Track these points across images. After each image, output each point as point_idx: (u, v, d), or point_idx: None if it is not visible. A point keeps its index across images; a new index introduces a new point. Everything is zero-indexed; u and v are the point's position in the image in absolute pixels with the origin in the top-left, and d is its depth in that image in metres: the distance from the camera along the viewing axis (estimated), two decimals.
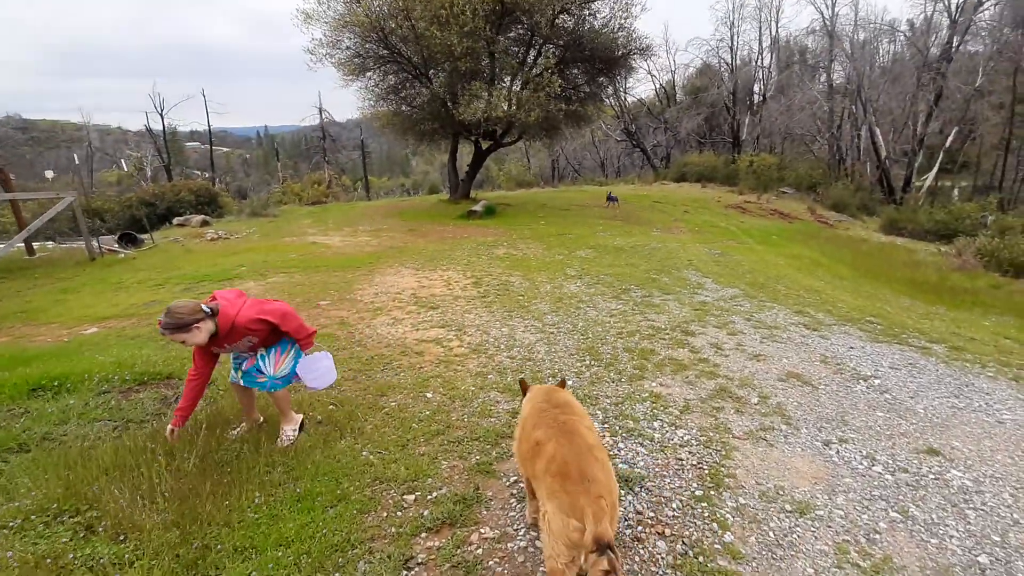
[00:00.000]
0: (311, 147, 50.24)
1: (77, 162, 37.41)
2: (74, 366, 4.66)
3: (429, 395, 4.09)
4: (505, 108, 13.51)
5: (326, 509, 2.77)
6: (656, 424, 3.60)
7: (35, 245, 11.23)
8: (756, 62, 35.37)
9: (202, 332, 2.91)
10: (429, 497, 2.86)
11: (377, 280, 8.08)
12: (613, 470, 2.00)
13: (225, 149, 76.94)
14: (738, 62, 34.54)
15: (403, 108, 16.12)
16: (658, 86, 38.48)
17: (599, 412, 3.80)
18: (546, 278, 8.08)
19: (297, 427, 3.52)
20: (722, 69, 35.04)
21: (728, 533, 2.55)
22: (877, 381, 4.33)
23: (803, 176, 28.52)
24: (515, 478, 3.01)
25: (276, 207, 22.60)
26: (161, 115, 37.28)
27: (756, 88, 35.84)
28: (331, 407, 3.89)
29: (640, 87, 72.37)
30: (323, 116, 41.87)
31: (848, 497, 2.81)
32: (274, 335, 3.30)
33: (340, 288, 7.61)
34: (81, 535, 2.56)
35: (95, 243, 10.64)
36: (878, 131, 28.16)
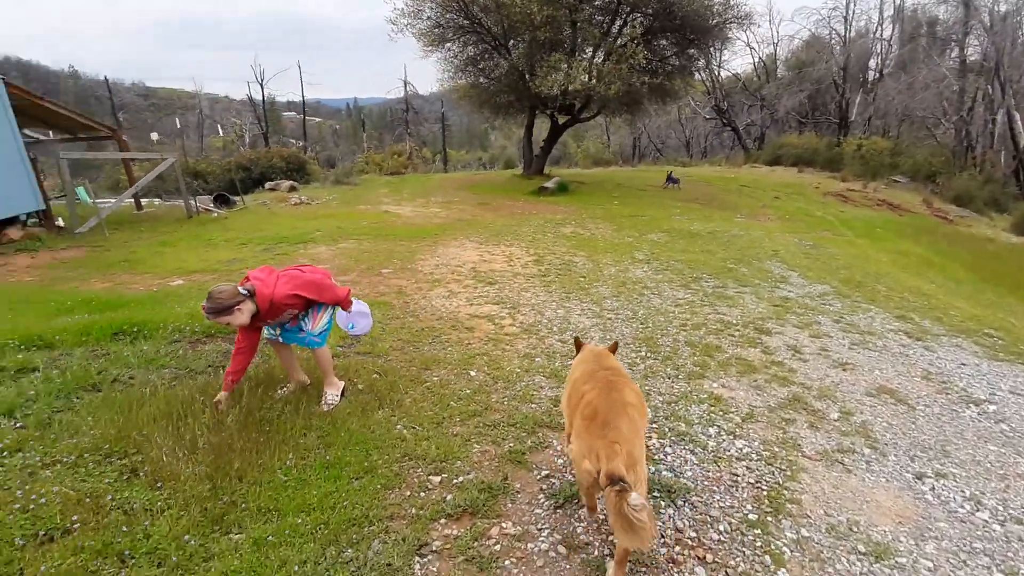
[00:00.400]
0: (395, 119, 51.66)
1: (179, 127, 40.76)
2: (155, 314, 4.98)
3: (473, 373, 3.96)
4: (584, 80, 12.92)
5: (352, 480, 2.71)
6: (712, 431, 3.24)
7: (143, 201, 12.30)
8: (874, 34, 31.67)
9: (244, 313, 2.98)
10: (455, 481, 2.72)
11: (440, 252, 8.06)
12: (643, 433, 2.16)
13: (318, 119, 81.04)
14: (852, 34, 31.11)
15: (481, 80, 15.92)
16: (757, 60, 35.62)
17: (647, 410, 3.49)
18: (611, 260, 7.68)
19: (339, 393, 3.52)
20: (833, 41, 31.75)
21: (782, 570, 2.20)
22: (992, 407, 3.66)
23: (921, 164, 25.43)
24: (547, 472, 2.80)
25: (358, 176, 23.44)
26: (261, 85, 39.62)
27: (872, 63, 32.16)
28: (375, 376, 3.86)
29: (736, 60, 67.45)
30: (407, 88, 42.76)
31: (940, 546, 2.35)
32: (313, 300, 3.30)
33: (403, 257, 7.66)
34: (125, 477, 2.67)
35: (193, 202, 11.47)
36: (1018, 116, 24.40)
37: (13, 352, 4.04)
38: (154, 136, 12.20)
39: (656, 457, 2.97)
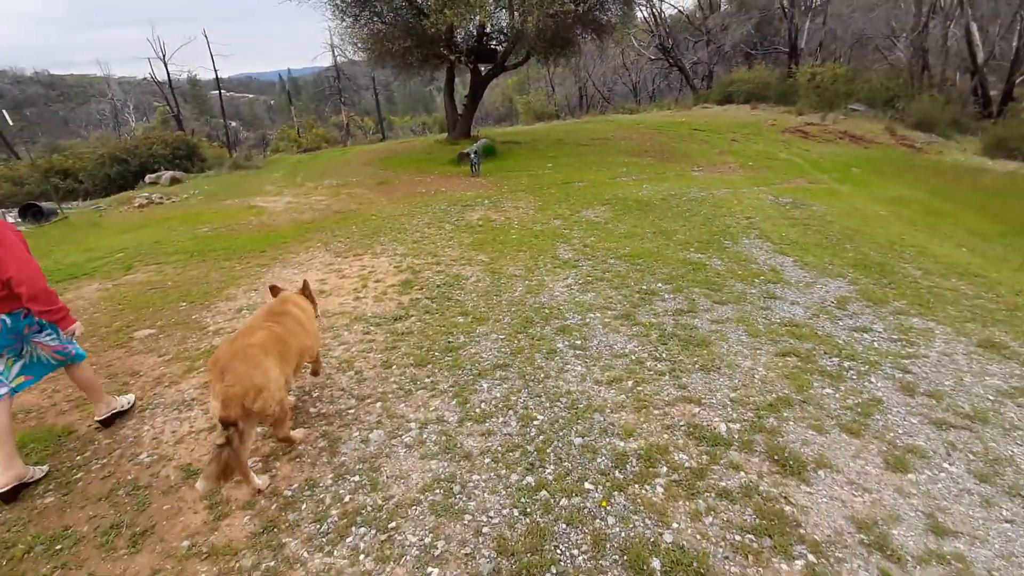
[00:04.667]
0: (328, 89, 46.53)
1: (97, 117, 35.25)
2: None
3: None
4: (489, 8, 9.75)
5: None
6: None
7: None
8: None
9: None
10: None
11: (270, 275, 5.18)
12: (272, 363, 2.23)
13: (250, 95, 73.96)
14: None
15: (377, 26, 12.48)
16: None
17: None
18: (521, 267, 4.95)
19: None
20: None
21: None
22: None
23: (878, 89, 23.10)
24: None
25: (263, 158, 19.78)
26: (164, 62, 34.23)
27: None
28: None
29: None
30: (335, 54, 37.87)
31: None
32: None
33: (203, 296, 4.77)
34: None
35: None
36: (975, 28, 22.15)
37: None
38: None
39: None
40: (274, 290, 2.90)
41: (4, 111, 17.68)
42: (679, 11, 33.60)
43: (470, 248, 5.68)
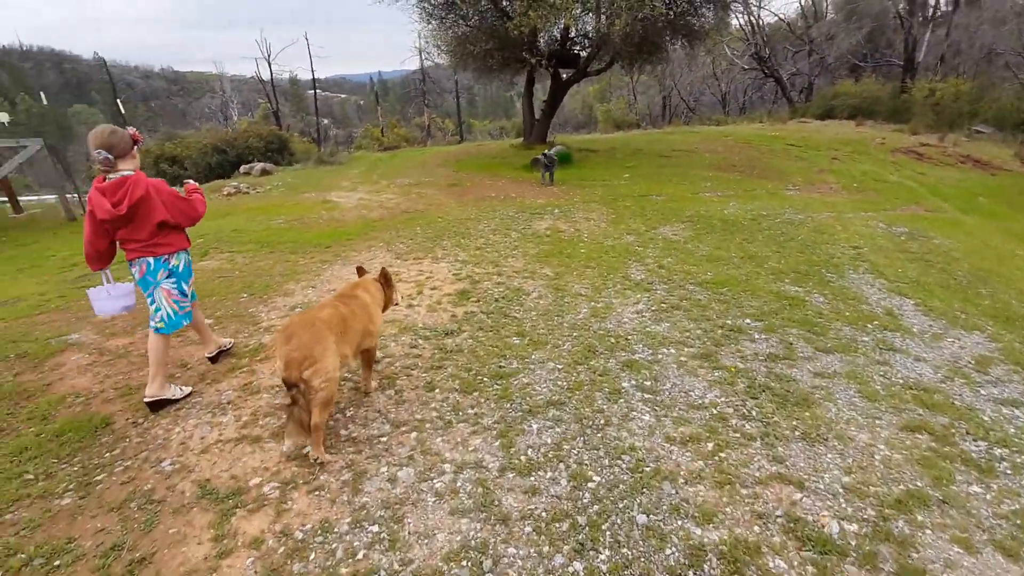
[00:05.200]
0: (414, 91, 48.09)
1: (208, 111, 38.55)
2: None
3: None
4: (576, 12, 9.32)
5: None
6: None
7: (23, 200, 9.73)
8: None
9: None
10: None
11: (327, 275, 5.09)
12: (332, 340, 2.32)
13: (342, 95, 78.20)
14: None
15: (461, 28, 12.46)
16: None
17: None
18: (588, 286, 4.51)
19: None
20: None
21: None
22: None
23: (1008, 110, 20.30)
24: None
25: (346, 154, 20.57)
26: (268, 62, 36.80)
27: None
28: None
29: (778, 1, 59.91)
30: (422, 57, 39.06)
31: None
32: None
33: (264, 289, 4.73)
34: None
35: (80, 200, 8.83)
36: None
37: None
38: (3, 116, 9.56)
39: None
40: (360, 271, 3.07)
41: (119, 100, 19.65)
42: (780, 19, 31.50)
43: (535, 260, 5.30)
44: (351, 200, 9.28)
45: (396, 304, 3.10)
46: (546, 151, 9.98)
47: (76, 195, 9.50)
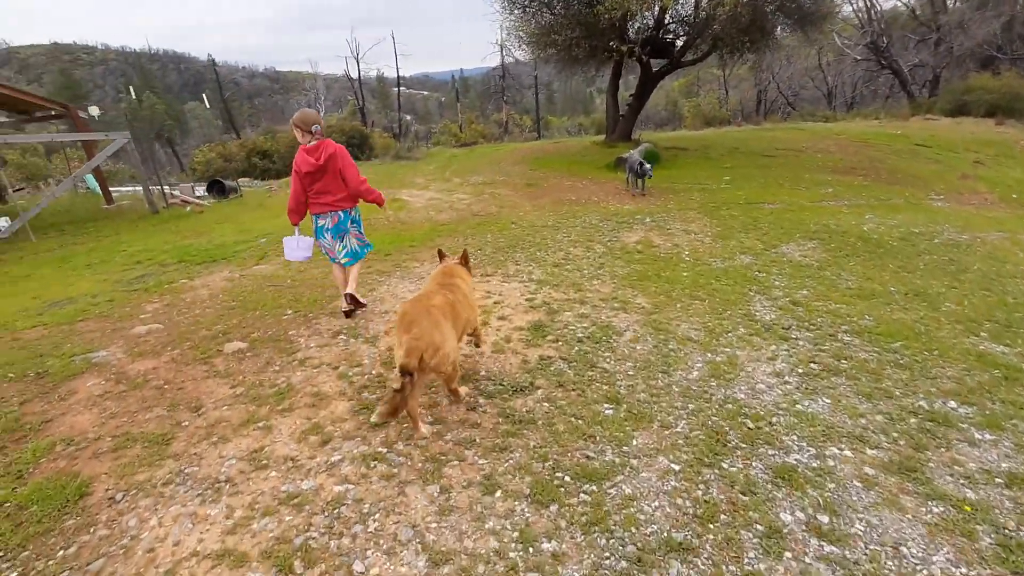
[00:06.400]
0: (494, 88, 47.79)
1: (298, 107, 40.42)
2: None
3: None
4: None
5: None
6: None
7: (116, 192, 9.99)
8: None
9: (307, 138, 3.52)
10: None
11: (381, 291, 4.38)
12: (448, 325, 2.38)
13: (425, 92, 79.84)
14: None
15: (545, 16, 11.49)
16: None
17: None
18: (699, 327, 3.43)
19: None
20: None
21: None
22: None
23: None
24: None
25: (423, 149, 20.36)
26: (357, 60, 37.85)
27: None
28: None
29: None
30: (503, 53, 38.54)
31: None
32: None
33: (311, 305, 4.11)
34: None
35: (165, 190, 8.86)
36: None
37: None
38: (94, 110, 9.81)
39: None
40: (441, 255, 3.01)
41: (204, 96, 20.76)
42: (902, 4, 27.76)
43: (625, 283, 4.28)
44: (421, 199, 8.66)
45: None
46: (632, 151, 8.81)
47: (160, 187, 9.62)
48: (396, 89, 41.50)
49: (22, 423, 2.68)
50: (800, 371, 2.91)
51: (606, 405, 2.59)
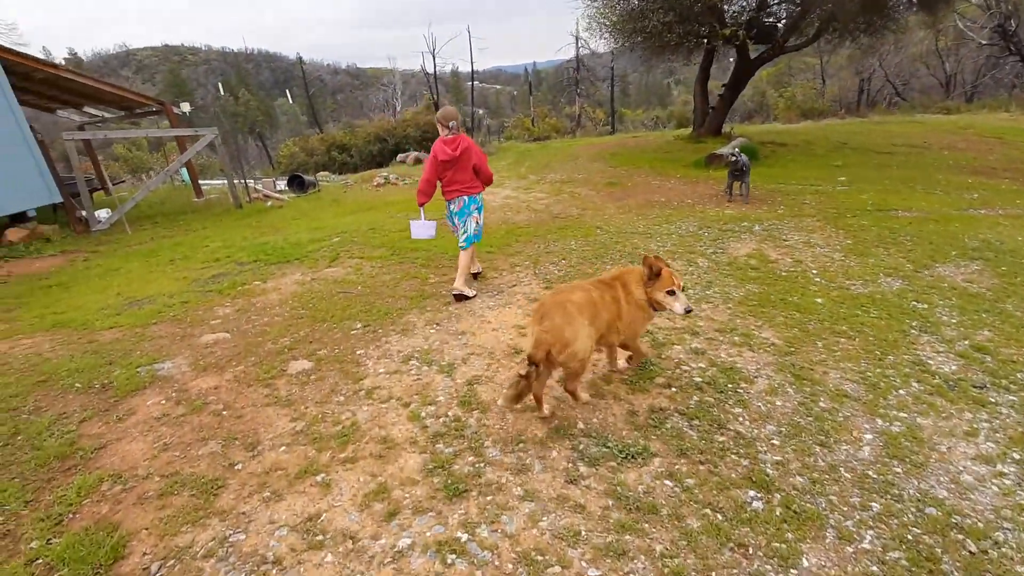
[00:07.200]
0: (567, 80, 46.72)
1: (375, 102, 41.48)
2: None
3: None
4: None
5: None
6: None
7: (206, 185, 10.30)
8: None
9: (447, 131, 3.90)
10: None
11: (457, 306, 3.92)
12: (583, 323, 2.31)
13: (498, 86, 79.79)
14: None
15: (632, 2, 10.58)
16: None
17: None
18: (854, 375, 2.65)
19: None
20: None
21: None
22: None
23: None
24: None
25: (496, 143, 19.99)
26: (432, 55, 38.19)
27: None
28: None
29: None
30: (578, 45, 37.44)
31: None
32: None
33: (382, 317, 3.73)
34: None
35: (249, 184, 8.98)
36: None
37: None
38: (185, 107, 10.05)
39: None
40: (647, 261, 2.68)
41: (288, 91, 21.45)
42: None
43: (743, 309, 3.54)
44: (496, 198, 8.19)
45: (671, 309, 2.50)
46: (736, 150, 7.82)
47: (243, 182, 9.82)
48: (470, 84, 41.54)
49: (76, 447, 2.44)
50: (1016, 456, 2.10)
51: (751, 492, 1.94)
